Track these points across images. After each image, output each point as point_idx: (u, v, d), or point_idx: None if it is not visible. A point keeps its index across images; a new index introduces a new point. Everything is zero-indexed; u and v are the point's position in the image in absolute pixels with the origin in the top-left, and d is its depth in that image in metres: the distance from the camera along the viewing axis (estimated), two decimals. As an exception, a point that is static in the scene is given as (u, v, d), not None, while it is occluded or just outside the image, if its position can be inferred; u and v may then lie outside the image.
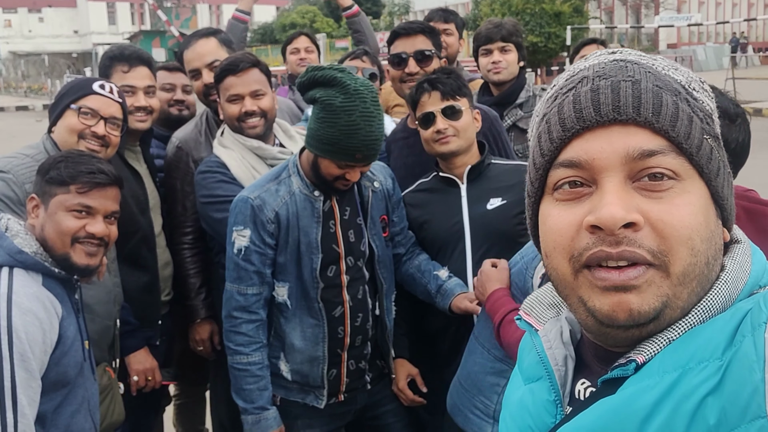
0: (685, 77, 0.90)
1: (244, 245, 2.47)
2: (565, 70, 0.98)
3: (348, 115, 2.28)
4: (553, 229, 0.90)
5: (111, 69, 3.01)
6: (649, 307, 0.82)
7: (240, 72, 2.84)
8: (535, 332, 1.05)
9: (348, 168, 2.40)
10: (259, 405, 2.51)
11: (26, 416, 1.89)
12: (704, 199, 0.86)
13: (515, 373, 1.12)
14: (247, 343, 2.49)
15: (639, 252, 0.82)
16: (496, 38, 3.59)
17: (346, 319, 2.56)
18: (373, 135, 2.33)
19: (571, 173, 0.88)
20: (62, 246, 2.11)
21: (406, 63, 3.08)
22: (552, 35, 32.46)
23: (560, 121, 0.89)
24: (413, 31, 3.13)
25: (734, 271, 0.87)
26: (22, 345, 1.88)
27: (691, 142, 0.85)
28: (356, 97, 2.28)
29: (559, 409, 0.96)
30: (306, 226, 2.48)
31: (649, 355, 0.84)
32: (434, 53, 3.10)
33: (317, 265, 2.48)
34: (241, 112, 2.84)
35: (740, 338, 0.76)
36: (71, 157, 2.23)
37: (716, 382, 0.76)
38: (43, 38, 61.96)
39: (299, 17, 48.63)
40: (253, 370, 2.50)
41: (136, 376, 2.82)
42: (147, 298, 2.94)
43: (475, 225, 2.63)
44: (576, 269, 0.87)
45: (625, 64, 0.89)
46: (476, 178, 2.68)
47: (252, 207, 2.46)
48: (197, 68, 3.24)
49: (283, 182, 2.51)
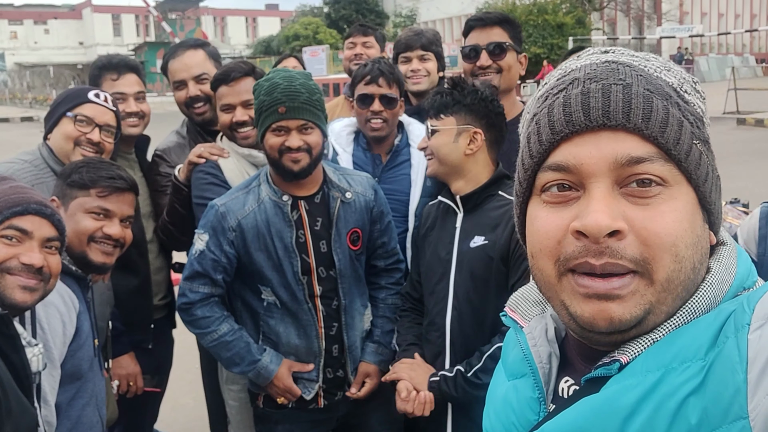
0: (677, 79, 0.89)
1: (200, 248, 2.52)
2: (557, 68, 0.98)
3: (268, 80, 2.45)
4: (540, 231, 0.90)
5: (100, 78, 3.07)
6: (631, 315, 0.82)
7: (232, 81, 2.86)
8: (520, 329, 1.05)
9: (283, 132, 2.42)
10: (250, 360, 2.54)
11: (48, 403, 1.95)
12: (691, 204, 0.85)
13: (499, 368, 1.12)
14: (209, 323, 2.53)
15: (621, 263, 0.82)
16: (416, 46, 3.48)
17: (320, 329, 2.58)
18: (292, 88, 2.38)
19: (560, 176, 0.88)
20: (79, 245, 2.21)
21: (479, 55, 2.86)
22: (554, 46, 32.63)
23: (550, 123, 0.89)
24: (490, 21, 2.89)
25: (719, 273, 0.87)
26: (45, 335, 1.96)
27: (680, 148, 0.84)
28: (278, 70, 2.49)
29: (543, 407, 0.96)
30: (280, 231, 2.50)
31: (632, 355, 0.84)
32: (511, 46, 2.86)
33: (298, 268, 2.50)
34: (233, 122, 2.86)
35: (723, 339, 0.76)
36: (92, 163, 2.36)
37: (699, 382, 0.76)
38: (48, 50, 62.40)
39: (302, 29, 48.95)
40: (226, 338, 2.53)
41: (118, 380, 2.85)
42: (138, 301, 2.97)
43: (460, 261, 2.43)
44: (560, 272, 0.87)
45: (617, 66, 0.88)
46: (472, 208, 2.45)
47: (216, 213, 2.51)
48: (183, 79, 3.21)
49: (252, 191, 2.54)
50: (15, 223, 1.82)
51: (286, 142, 2.41)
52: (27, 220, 1.84)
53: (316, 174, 2.56)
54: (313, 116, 2.43)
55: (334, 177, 2.61)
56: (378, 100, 2.87)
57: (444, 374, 2.35)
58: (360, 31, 4.19)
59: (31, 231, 1.84)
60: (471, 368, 2.31)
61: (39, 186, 2.45)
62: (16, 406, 1.59)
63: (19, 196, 1.85)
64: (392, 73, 2.91)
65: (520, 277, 2.29)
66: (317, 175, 2.57)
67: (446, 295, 2.44)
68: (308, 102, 2.41)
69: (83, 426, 2.14)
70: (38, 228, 1.86)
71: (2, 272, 1.78)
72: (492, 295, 2.35)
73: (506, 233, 2.32)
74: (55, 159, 2.64)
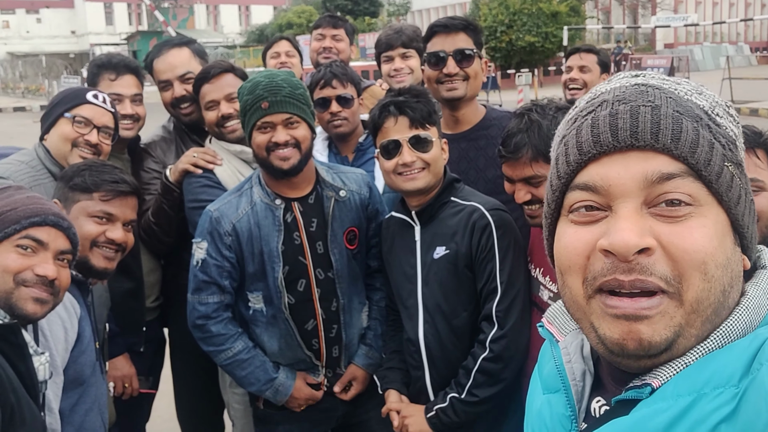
0: (709, 102, 0.89)
1: (201, 257, 2.49)
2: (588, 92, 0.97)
3: (250, 80, 2.45)
4: (567, 247, 0.90)
5: (98, 77, 3.04)
6: (661, 338, 0.81)
7: (212, 78, 2.87)
8: (556, 342, 1.04)
9: (269, 129, 2.40)
10: (266, 379, 2.53)
11: (53, 410, 1.94)
12: (721, 225, 0.84)
13: (535, 377, 1.12)
14: (223, 341, 2.51)
15: (651, 280, 0.81)
16: (397, 44, 3.47)
17: (320, 331, 2.56)
18: (274, 83, 2.37)
19: (587, 197, 0.88)
20: (81, 249, 2.14)
21: (445, 63, 2.76)
22: (549, 35, 32.53)
23: (577, 144, 0.89)
24: (454, 27, 2.80)
25: (756, 297, 0.86)
26: (47, 342, 1.94)
27: (711, 169, 0.83)
28: (261, 71, 2.49)
29: (574, 425, 0.96)
30: (267, 235, 2.47)
31: (664, 380, 0.83)
32: (476, 53, 2.80)
33: (278, 274, 2.47)
34: (219, 117, 2.85)
35: (758, 366, 0.75)
36: (95, 166, 2.33)
37: (731, 409, 0.74)
38: (40, 39, 61.86)
39: (296, 17, 48.66)
40: (242, 357, 2.51)
41: (113, 382, 2.84)
42: (131, 303, 2.96)
43: (426, 274, 2.39)
44: (589, 294, 0.86)
45: (646, 89, 0.88)
46: (429, 219, 2.40)
47: (210, 219, 2.48)
48: (168, 80, 3.18)
49: (245, 194, 2.52)
50: (32, 233, 1.82)
51: (272, 138, 2.39)
52: (44, 231, 1.83)
53: (309, 174, 2.53)
54: (297, 110, 2.40)
55: (327, 176, 2.58)
56: (335, 101, 2.97)
57: (440, 407, 2.32)
58: (330, 23, 4.07)
59: (47, 242, 1.84)
60: (463, 389, 2.28)
61: (36, 188, 2.43)
62: (29, 414, 1.59)
63: (37, 207, 1.84)
64: (345, 74, 3.00)
65: (486, 280, 2.29)
66: (310, 174, 2.54)
67: (417, 311, 2.40)
68: (291, 96, 2.39)
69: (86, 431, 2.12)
70: (54, 240, 1.86)
71: (17, 284, 1.78)
72: (463, 304, 2.34)
73: (466, 239, 2.31)
74: (51, 160, 2.61)
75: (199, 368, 3.13)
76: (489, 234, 2.29)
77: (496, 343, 2.25)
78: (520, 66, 30.87)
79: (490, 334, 2.26)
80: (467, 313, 2.35)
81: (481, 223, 2.30)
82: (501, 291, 2.27)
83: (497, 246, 2.28)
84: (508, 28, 32.98)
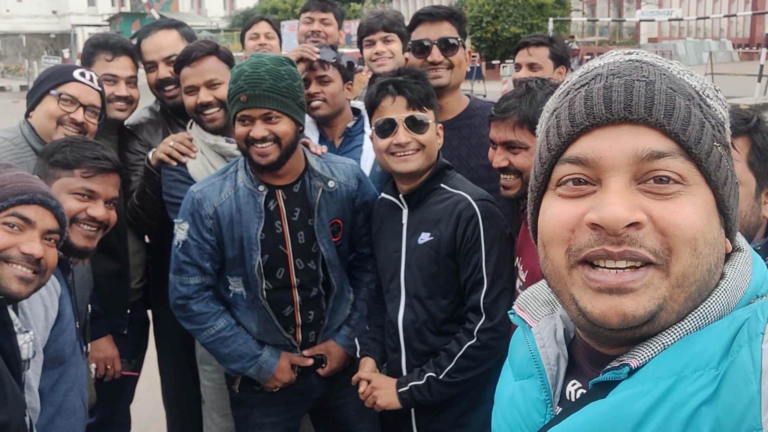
0: (700, 83, 0.89)
1: (182, 238, 2.47)
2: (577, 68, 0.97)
3: (238, 66, 2.38)
4: (552, 219, 0.89)
5: (94, 56, 3.00)
6: (645, 310, 0.81)
7: (193, 62, 2.77)
8: (529, 329, 1.04)
9: (248, 122, 2.34)
10: (251, 356, 2.52)
11: (32, 389, 1.91)
12: (709, 205, 0.85)
13: (506, 366, 1.11)
14: (205, 319, 2.49)
15: (641, 252, 0.81)
16: (378, 28, 3.42)
17: (297, 317, 2.55)
18: (256, 75, 2.29)
19: (577, 170, 0.87)
20: None
21: (429, 51, 2.81)
22: (534, 27, 32.59)
23: (570, 116, 0.88)
24: (439, 16, 2.85)
25: (734, 279, 0.86)
26: (27, 320, 1.91)
27: (701, 148, 0.84)
28: (253, 54, 2.40)
29: (549, 409, 0.96)
30: (247, 222, 2.44)
31: (642, 360, 0.83)
32: (460, 42, 2.84)
33: (256, 261, 2.45)
34: (197, 104, 2.78)
35: (737, 348, 0.76)
36: (76, 142, 2.29)
37: (711, 391, 0.75)
38: (20, 18, 60.90)
39: (281, 2, 48.31)
40: (224, 334, 2.50)
41: (95, 363, 2.81)
42: (116, 285, 2.93)
43: (409, 258, 2.39)
44: (571, 264, 0.86)
45: (641, 65, 0.88)
46: (416, 204, 2.40)
47: (193, 201, 2.46)
48: (154, 61, 3.15)
49: (229, 177, 2.49)
50: (19, 211, 1.79)
51: (251, 133, 2.34)
52: (31, 209, 1.81)
53: (295, 163, 2.49)
54: (277, 104, 2.32)
55: (316, 165, 2.55)
56: (315, 81, 2.96)
57: (414, 384, 2.32)
58: (318, 7, 4.02)
59: (34, 221, 1.82)
60: (442, 370, 2.29)
61: (19, 165, 2.37)
62: (11, 393, 1.57)
63: (25, 185, 1.82)
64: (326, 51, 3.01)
65: (472, 272, 2.29)
66: (296, 164, 2.50)
67: (399, 294, 2.41)
68: (272, 89, 2.30)
69: (66, 411, 2.10)
70: (41, 219, 1.83)
71: (2, 261, 1.75)
72: (442, 291, 2.34)
73: (450, 228, 2.30)
74: (36, 138, 2.57)
75: (184, 348, 3.12)
76: (475, 225, 2.28)
77: (485, 333, 2.25)
78: (505, 57, 30.89)
79: (479, 324, 2.26)
80: (446, 301, 2.35)
81: (467, 214, 2.29)
82: (488, 282, 2.26)
83: (483, 237, 2.28)
84: (494, 18, 33.04)
